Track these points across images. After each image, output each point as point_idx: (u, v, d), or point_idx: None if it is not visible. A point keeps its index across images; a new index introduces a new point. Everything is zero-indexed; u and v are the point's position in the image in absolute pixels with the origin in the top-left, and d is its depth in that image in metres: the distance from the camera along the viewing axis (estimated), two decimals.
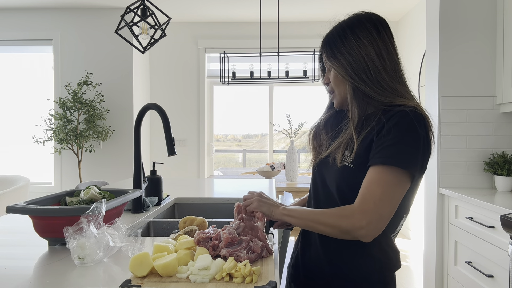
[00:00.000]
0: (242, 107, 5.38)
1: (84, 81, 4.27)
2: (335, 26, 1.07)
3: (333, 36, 1.06)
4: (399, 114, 0.94)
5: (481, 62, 2.49)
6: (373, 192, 0.90)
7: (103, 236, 0.98)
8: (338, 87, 1.06)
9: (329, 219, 0.94)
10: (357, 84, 0.99)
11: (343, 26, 1.05)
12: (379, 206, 0.89)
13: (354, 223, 0.90)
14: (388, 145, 0.92)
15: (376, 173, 0.92)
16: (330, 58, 1.04)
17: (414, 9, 4.41)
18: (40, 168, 4.84)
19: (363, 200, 0.91)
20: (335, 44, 1.04)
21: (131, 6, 2.34)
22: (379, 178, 0.91)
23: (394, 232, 1.04)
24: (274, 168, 3.87)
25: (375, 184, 0.91)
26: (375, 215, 0.89)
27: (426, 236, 2.68)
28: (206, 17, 4.85)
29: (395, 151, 0.91)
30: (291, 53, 3.76)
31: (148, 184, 1.77)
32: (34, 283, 0.87)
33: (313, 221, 0.97)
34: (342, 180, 1.00)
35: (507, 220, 1.64)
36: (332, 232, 0.94)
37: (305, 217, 0.98)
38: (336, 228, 0.93)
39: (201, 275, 0.84)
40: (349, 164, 0.99)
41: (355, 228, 0.89)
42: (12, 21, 4.61)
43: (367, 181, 0.93)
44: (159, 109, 1.53)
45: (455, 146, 2.50)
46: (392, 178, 0.91)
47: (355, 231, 0.90)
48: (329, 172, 1.05)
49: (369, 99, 0.99)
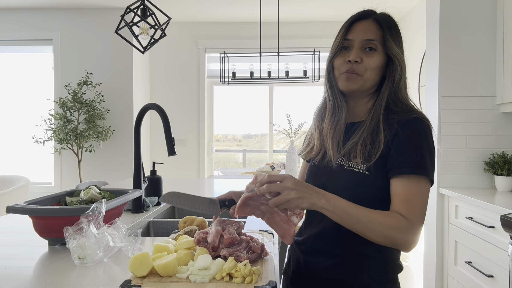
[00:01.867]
0: (242, 107, 5.38)
1: (84, 81, 4.27)
2: (393, 18, 1.07)
3: (395, 24, 1.06)
4: (414, 121, 0.97)
5: (481, 62, 2.49)
6: (419, 206, 0.91)
7: (103, 236, 0.98)
8: (372, 73, 1.01)
9: (384, 229, 0.88)
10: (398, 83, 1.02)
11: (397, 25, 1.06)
12: (422, 219, 0.91)
13: (408, 239, 0.89)
14: (416, 154, 0.94)
15: (415, 183, 0.92)
16: (397, 43, 1.03)
17: (414, 9, 4.41)
18: (40, 168, 4.84)
19: (411, 213, 0.90)
20: (399, 33, 1.05)
21: (131, 6, 2.34)
22: (419, 190, 0.92)
23: None
24: (274, 168, 3.87)
25: (417, 196, 0.92)
26: (420, 229, 0.91)
27: (426, 236, 2.68)
28: (206, 17, 4.85)
29: (423, 160, 0.94)
30: (291, 53, 3.75)
31: (148, 184, 1.77)
32: (34, 283, 0.87)
33: (363, 226, 0.88)
34: (356, 190, 0.97)
35: (507, 220, 1.64)
36: (381, 241, 0.89)
37: (354, 221, 0.87)
38: (389, 239, 0.88)
39: (201, 275, 0.84)
40: (363, 171, 0.97)
41: (408, 243, 0.89)
42: (12, 21, 4.61)
43: (410, 193, 0.92)
44: (159, 109, 1.53)
45: (455, 146, 2.50)
46: (426, 189, 0.94)
47: (408, 246, 0.90)
48: (338, 178, 1.01)
49: (395, 99, 1.02)
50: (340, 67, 1.03)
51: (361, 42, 1.01)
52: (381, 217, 0.88)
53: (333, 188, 0.99)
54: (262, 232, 1.26)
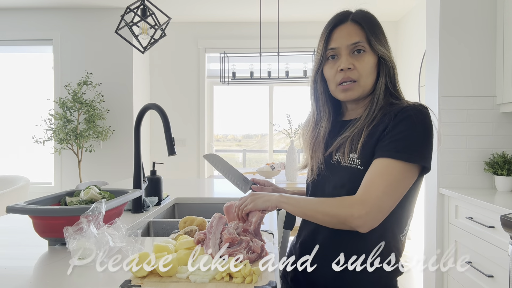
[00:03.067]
0: (242, 107, 5.38)
1: (84, 81, 4.27)
2: (370, 13, 1.02)
3: (375, 21, 1.01)
4: (407, 108, 0.94)
5: (481, 62, 2.49)
6: (377, 185, 0.89)
7: (103, 236, 0.98)
8: (368, 77, 0.99)
9: (328, 208, 0.92)
10: (390, 77, 1.00)
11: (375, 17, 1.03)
12: (381, 199, 0.88)
13: (352, 213, 0.88)
14: (397, 139, 0.91)
15: (383, 166, 0.90)
16: (380, 42, 0.99)
17: (414, 9, 4.41)
18: (40, 168, 4.84)
19: (365, 191, 0.89)
20: (381, 30, 1.01)
21: (131, 6, 2.34)
22: (385, 171, 0.90)
23: (403, 232, 1.02)
24: (274, 168, 3.87)
25: (380, 177, 0.89)
26: (375, 207, 0.88)
27: (426, 236, 2.68)
28: (206, 17, 4.85)
29: (405, 144, 0.90)
30: (291, 53, 3.76)
31: (148, 184, 1.77)
32: (34, 283, 0.87)
33: (311, 210, 0.94)
34: (352, 184, 0.96)
35: (507, 220, 1.64)
36: (330, 221, 0.92)
37: (303, 205, 0.95)
38: (334, 217, 0.90)
39: (201, 275, 0.84)
40: (357, 166, 0.97)
41: (353, 217, 0.88)
42: (12, 21, 4.61)
43: (372, 173, 0.91)
44: (159, 109, 1.53)
45: (455, 146, 2.50)
46: (398, 173, 0.90)
47: (353, 220, 0.88)
48: (336, 173, 1.01)
49: (389, 95, 1.01)
50: (334, 78, 1.02)
51: (347, 47, 0.99)
52: (329, 199, 0.94)
53: (332, 185, 1.01)
54: (262, 232, 1.26)
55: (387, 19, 4.85)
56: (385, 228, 0.97)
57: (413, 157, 0.90)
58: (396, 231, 0.99)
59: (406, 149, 0.90)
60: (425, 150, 0.92)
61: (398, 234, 1.00)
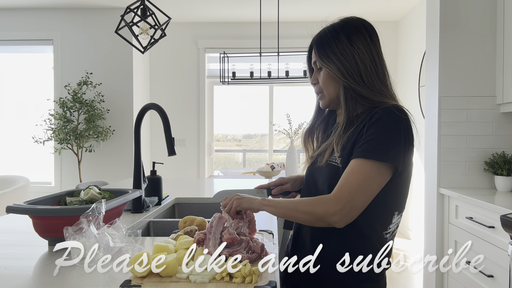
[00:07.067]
0: (242, 107, 5.38)
1: (84, 81, 4.27)
2: (327, 27, 1.12)
3: (326, 37, 1.10)
4: (381, 110, 1.00)
5: (481, 62, 2.48)
6: (350, 183, 0.96)
7: (103, 236, 0.98)
8: (327, 88, 1.10)
9: (306, 206, 0.98)
10: (351, 85, 1.04)
11: (336, 29, 1.09)
12: (353, 196, 0.95)
13: (328, 210, 0.95)
14: (369, 140, 0.97)
15: (356, 165, 0.97)
16: (324, 58, 1.08)
17: (414, 9, 4.41)
18: (40, 168, 4.84)
19: (339, 189, 0.96)
20: (329, 45, 1.08)
21: (131, 6, 2.34)
22: (357, 170, 0.96)
23: (386, 229, 1.05)
24: (274, 168, 3.87)
25: (352, 175, 0.96)
26: (349, 204, 0.94)
27: (426, 236, 2.68)
28: (206, 17, 4.85)
29: (376, 145, 0.97)
30: (291, 53, 3.75)
31: (148, 184, 1.77)
32: (34, 283, 0.87)
33: (290, 209, 1.00)
34: (333, 180, 1.02)
35: (507, 220, 1.64)
36: (308, 219, 0.99)
37: (283, 206, 1.02)
38: (312, 215, 0.97)
39: (201, 275, 0.84)
40: (337, 164, 1.03)
41: (329, 214, 0.94)
42: (12, 21, 4.61)
43: (346, 172, 0.98)
44: (159, 109, 1.53)
45: (455, 146, 2.50)
46: (370, 171, 0.96)
47: (329, 217, 0.95)
48: (321, 174, 1.09)
49: (360, 98, 1.05)
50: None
51: (313, 65, 1.15)
52: (307, 198, 1.01)
53: (320, 182, 1.08)
54: (262, 232, 1.26)
55: (387, 19, 4.85)
56: (365, 224, 1.02)
57: (383, 157, 0.96)
58: (378, 229, 1.03)
59: (376, 149, 0.96)
60: (395, 150, 0.97)
61: (381, 231, 1.04)
